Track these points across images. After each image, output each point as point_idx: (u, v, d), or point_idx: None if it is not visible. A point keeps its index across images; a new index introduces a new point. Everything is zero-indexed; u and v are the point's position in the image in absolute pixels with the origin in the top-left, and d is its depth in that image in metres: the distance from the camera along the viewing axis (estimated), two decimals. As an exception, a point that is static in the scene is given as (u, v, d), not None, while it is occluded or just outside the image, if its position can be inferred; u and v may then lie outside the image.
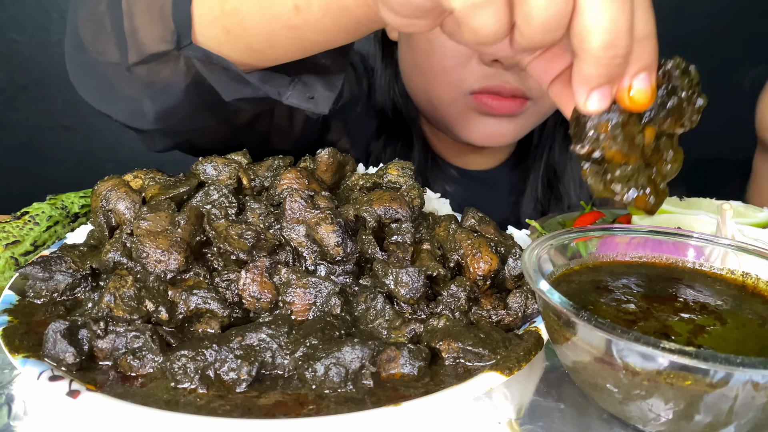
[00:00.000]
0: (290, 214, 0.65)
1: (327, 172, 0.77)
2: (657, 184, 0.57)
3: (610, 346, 0.50)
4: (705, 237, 0.67)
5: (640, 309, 0.58)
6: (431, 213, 0.77)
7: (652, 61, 0.52)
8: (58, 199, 0.88)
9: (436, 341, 0.58)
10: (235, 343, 0.55)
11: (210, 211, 0.68)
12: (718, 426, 0.49)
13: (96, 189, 0.71)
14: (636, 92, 0.51)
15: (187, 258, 0.62)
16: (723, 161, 1.99)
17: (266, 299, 0.61)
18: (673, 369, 0.47)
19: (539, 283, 0.55)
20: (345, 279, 0.64)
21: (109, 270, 0.64)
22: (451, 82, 1.08)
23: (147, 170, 0.75)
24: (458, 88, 1.08)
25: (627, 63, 0.50)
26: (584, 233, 0.67)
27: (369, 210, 0.68)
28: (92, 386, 0.52)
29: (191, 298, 0.60)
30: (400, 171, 0.77)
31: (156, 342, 0.56)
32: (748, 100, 1.96)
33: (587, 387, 0.56)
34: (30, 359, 0.54)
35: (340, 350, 0.54)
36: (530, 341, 0.59)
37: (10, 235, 0.78)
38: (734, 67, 1.92)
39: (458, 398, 0.52)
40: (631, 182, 0.55)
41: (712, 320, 0.57)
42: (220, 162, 0.73)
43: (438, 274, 0.64)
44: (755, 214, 0.87)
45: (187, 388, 0.53)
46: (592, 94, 0.51)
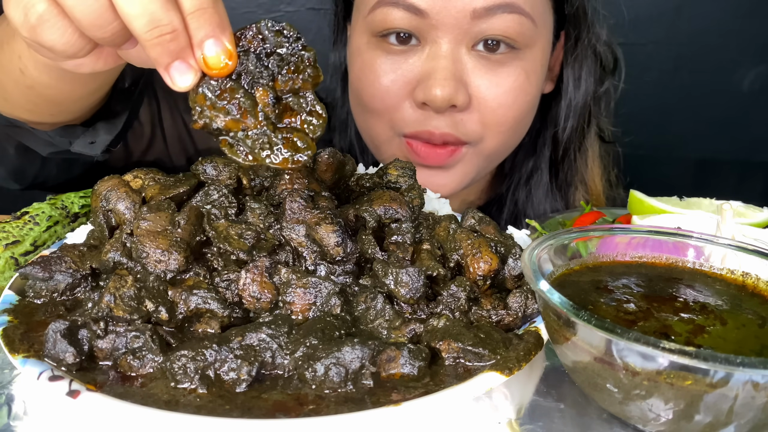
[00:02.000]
0: (290, 214, 0.65)
1: (327, 172, 0.77)
2: (295, 141, 0.59)
3: (610, 346, 0.50)
4: (705, 237, 0.67)
5: (640, 309, 0.58)
6: (431, 213, 0.77)
7: (213, 28, 0.55)
8: (58, 199, 0.88)
9: (436, 341, 0.58)
10: (235, 343, 0.55)
11: (210, 211, 0.67)
12: (718, 426, 0.49)
13: (96, 189, 0.71)
14: (208, 59, 0.55)
15: (187, 258, 0.62)
16: (723, 161, 1.99)
17: (266, 299, 0.61)
18: (673, 369, 0.47)
19: (539, 283, 0.55)
20: (345, 279, 0.64)
21: (109, 270, 0.64)
22: (385, 123, 1.05)
23: (147, 170, 0.75)
24: (392, 128, 1.05)
25: (182, 37, 0.54)
26: (584, 233, 0.67)
27: (369, 210, 0.68)
28: (92, 386, 0.52)
29: (191, 298, 0.60)
30: (400, 171, 0.77)
31: (156, 342, 0.56)
32: (747, 101, 1.96)
33: (587, 387, 0.56)
34: (30, 359, 0.54)
35: (340, 350, 0.54)
36: (530, 341, 0.59)
37: (10, 235, 0.78)
38: (734, 67, 1.92)
39: (458, 398, 0.52)
40: (263, 145, 0.58)
41: (712, 320, 0.57)
42: (220, 162, 0.73)
43: (438, 274, 0.64)
44: (755, 214, 0.87)
45: (187, 388, 0.53)
46: (171, 73, 0.56)
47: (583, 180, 1.24)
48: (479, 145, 1.05)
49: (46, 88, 0.78)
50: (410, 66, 1.00)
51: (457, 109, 0.99)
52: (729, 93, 1.94)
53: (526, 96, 1.03)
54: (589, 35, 1.13)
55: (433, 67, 0.97)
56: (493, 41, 0.98)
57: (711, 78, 1.93)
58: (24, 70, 0.76)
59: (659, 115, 1.76)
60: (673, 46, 1.89)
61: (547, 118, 1.19)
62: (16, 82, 0.78)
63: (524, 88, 1.02)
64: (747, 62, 1.92)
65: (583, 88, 1.15)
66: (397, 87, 1.01)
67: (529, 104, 1.06)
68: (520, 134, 1.12)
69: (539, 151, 1.21)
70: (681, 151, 1.96)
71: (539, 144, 1.21)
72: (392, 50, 1.01)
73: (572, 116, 1.16)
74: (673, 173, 1.94)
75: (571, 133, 1.19)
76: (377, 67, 1.02)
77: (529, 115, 1.09)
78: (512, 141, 1.11)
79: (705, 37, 1.89)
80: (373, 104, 1.05)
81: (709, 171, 1.98)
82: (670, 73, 1.92)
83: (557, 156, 1.21)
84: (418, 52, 1.00)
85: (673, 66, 1.92)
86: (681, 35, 1.89)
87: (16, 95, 0.81)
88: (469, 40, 0.98)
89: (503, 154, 1.14)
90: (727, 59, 1.91)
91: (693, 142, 1.96)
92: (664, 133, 1.85)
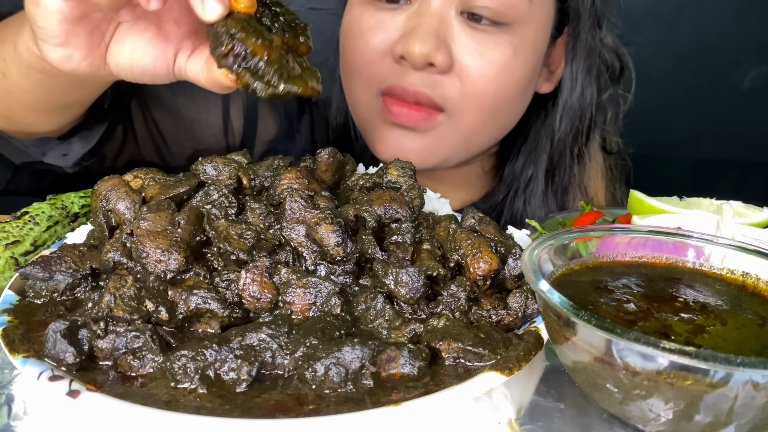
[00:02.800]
0: (290, 214, 0.65)
1: (327, 172, 0.77)
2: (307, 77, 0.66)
3: (610, 346, 0.50)
4: (705, 237, 0.67)
5: (640, 309, 0.58)
6: (431, 213, 0.77)
7: None
8: (58, 199, 0.88)
9: (436, 341, 0.58)
10: (235, 343, 0.55)
11: (210, 211, 0.68)
12: (718, 426, 0.49)
13: (96, 189, 0.71)
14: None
15: (187, 258, 0.62)
16: (723, 161, 1.99)
17: (266, 299, 0.61)
18: (673, 369, 0.47)
19: (539, 283, 0.55)
20: (345, 279, 0.64)
21: (109, 270, 0.64)
22: (364, 81, 1.03)
23: (147, 170, 0.75)
24: (370, 86, 1.03)
25: None
26: (584, 233, 0.67)
27: (369, 210, 0.68)
28: (92, 386, 0.52)
29: (191, 298, 0.60)
30: (400, 171, 0.77)
31: (156, 342, 0.56)
32: (747, 101, 1.96)
33: (587, 387, 0.56)
34: (30, 359, 0.54)
35: (340, 350, 0.54)
36: (530, 341, 0.59)
37: (10, 235, 0.78)
38: (734, 67, 1.92)
39: (458, 398, 0.52)
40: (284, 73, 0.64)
41: (712, 320, 0.57)
42: (220, 162, 0.73)
43: (438, 274, 0.64)
44: (755, 214, 0.87)
45: (187, 388, 0.53)
46: (206, 3, 0.62)
47: (583, 189, 1.21)
48: (456, 118, 1.02)
49: (25, 93, 0.81)
50: (396, 23, 0.99)
51: (437, 70, 0.97)
52: (729, 93, 1.94)
53: (510, 73, 1.00)
54: (588, 35, 1.10)
55: (418, 23, 0.96)
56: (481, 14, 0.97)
57: (711, 78, 1.93)
58: (6, 72, 0.79)
59: (659, 115, 1.76)
60: (673, 46, 1.89)
61: (545, 123, 1.16)
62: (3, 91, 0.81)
63: (509, 64, 0.99)
64: (747, 62, 1.92)
65: (579, 89, 1.12)
66: (379, 41, 1.00)
67: (513, 84, 1.02)
68: (503, 120, 1.09)
69: (537, 158, 1.18)
70: (681, 151, 1.96)
71: (537, 151, 1.18)
72: (381, 7, 1.00)
73: (566, 118, 1.14)
74: (673, 173, 1.94)
75: (566, 137, 1.15)
76: (363, 22, 1.01)
77: (514, 99, 1.05)
78: (493, 124, 1.07)
79: (705, 37, 1.89)
80: (354, 59, 1.03)
81: (709, 171, 1.98)
82: (670, 73, 1.92)
83: (553, 161, 1.18)
84: (407, 9, 0.99)
85: (673, 66, 1.92)
86: (681, 35, 1.89)
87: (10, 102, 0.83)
88: (459, 5, 0.97)
89: (483, 137, 1.09)
90: (727, 59, 1.91)
91: (693, 142, 1.96)
92: (664, 133, 1.85)
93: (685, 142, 1.95)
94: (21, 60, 0.76)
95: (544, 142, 1.17)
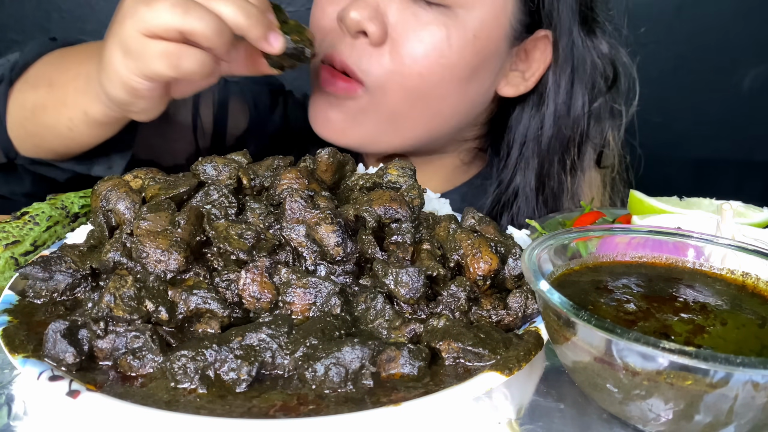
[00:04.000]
0: (290, 214, 0.65)
1: (327, 172, 0.77)
2: None
3: (610, 346, 0.50)
4: (705, 237, 0.67)
5: (640, 309, 0.58)
6: (431, 213, 0.77)
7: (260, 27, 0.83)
8: (58, 199, 0.88)
9: (436, 341, 0.58)
10: (235, 343, 0.55)
11: (210, 211, 0.68)
12: (718, 426, 0.49)
13: (96, 189, 0.71)
14: None
15: (187, 258, 0.62)
16: (723, 161, 1.99)
17: (266, 299, 0.61)
18: (673, 369, 0.47)
19: (539, 283, 0.55)
20: (345, 279, 0.64)
21: (109, 270, 0.64)
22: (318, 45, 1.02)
23: (147, 170, 0.75)
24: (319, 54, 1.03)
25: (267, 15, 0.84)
26: (584, 233, 0.67)
27: (369, 210, 0.68)
28: (92, 386, 0.52)
29: (191, 298, 0.60)
30: (400, 171, 0.77)
31: (156, 342, 0.56)
32: (747, 101, 1.96)
33: (587, 387, 0.56)
34: (30, 359, 0.54)
35: (340, 350, 0.54)
36: (530, 341, 0.59)
37: (10, 235, 0.78)
38: (734, 67, 1.92)
39: (458, 398, 0.52)
40: None
41: (712, 320, 0.57)
42: (220, 162, 0.73)
43: (438, 274, 0.64)
44: (755, 214, 0.87)
45: (187, 388, 0.53)
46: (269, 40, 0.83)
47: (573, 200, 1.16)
48: (379, 96, 1.01)
49: (88, 137, 0.93)
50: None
51: (369, 42, 0.98)
52: (729, 93, 1.94)
53: (439, 57, 0.99)
54: (571, 40, 1.07)
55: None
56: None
57: (711, 78, 1.93)
58: (73, 128, 0.90)
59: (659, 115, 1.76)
60: (673, 46, 1.89)
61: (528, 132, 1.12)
62: (58, 136, 0.92)
63: (440, 47, 0.98)
64: (747, 62, 1.92)
65: (563, 96, 1.09)
66: (331, 8, 1.02)
67: (442, 69, 1.00)
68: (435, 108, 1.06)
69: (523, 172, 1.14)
70: (681, 151, 1.96)
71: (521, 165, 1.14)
72: None
73: (552, 126, 1.10)
74: (673, 173, 1.94)
75: (550, 144, 1.11)
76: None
77: (445, 86, 1.02)
78: (423, 110, 1.05)
79: (705, 37, 1.89)
80: (313, 26, 1.05)
81: (709, 171, 1.98)
82: (670, 73, 1.92)
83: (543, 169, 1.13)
84: None
85: (673, 66, 1.92)
86: (681, 35, 1.89)
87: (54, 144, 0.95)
88: None
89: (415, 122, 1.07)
90: (727, 59, 1.91)
91: (693, 142, 1.96)
92: (664, 133, 1.85)
93: (685, 142, 1.95)
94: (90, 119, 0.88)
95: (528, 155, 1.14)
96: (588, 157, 1.17)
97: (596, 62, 1.11)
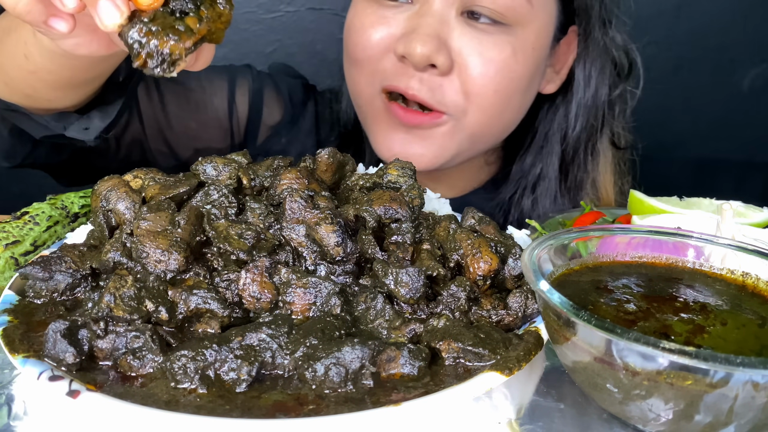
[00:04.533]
0: (290, 214, 0.65)
1: (327, 172, 0.77)
2: None
3: (610, 346, 0.50)
4: (705, 237, 0.67)
5: (640, 309, 0.58)
6: (431, 213, 0.77)
7: None
8: (58, 199, 0.88)
9: (436, 341, 0.58)
10: (235, 343, 0.55)
11: (210, 211, 0.68)
12: (718, 426, 0.49)
13: (96, 189, 0.71)
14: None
15: (187, 258, 0.62)
16: (723, 161, 1.99)
17: (266, 299, 0.61)
18: (673, 369, 0.47)
19: (539, 283, 0.55)
20: (345, 279, 0.64)
21: (109, 270, 0.64)
22: (366, 75, 1.05)
23: (147, 170, 0.75)
24: (373, 82, 1.05)
25: None
26: (584, 233, 0.67)
27: (369, 210, 0.68)
28: (92, 386, 0.52)
29: (191, 298, 0.60)
30: (400, 171, 0.77)
31: (156, 342, 0.56)
32: (747, 101, 1.96)
33: (587, 387, 0.56)
34: (30, 359, 0.54)
35: (340, 350, 0.54)
36: (530, 341, 0.59)
37: (10, 235, 0.78)
38: (734, 67, 1.92)
39: (458, 398, 0.52)
40: None
41: (712, 320, 0.57)
42: (220, 162, 0.73)
43: (438, 274, 0.64)
44: (755, 214, 0.87)
45: (187, 388, 0.53)
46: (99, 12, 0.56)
47: (594, 185, 1.21)
48: (462, 120, 1.03)
49: (48, 73, 0.83)
50: (398, 21, 1.01)
51: (437, 72, 0.99)
52: (729, 93, 1.94)
53: (510, 72, 1.02)
54: (600, 33, 1.12)
55: (419, 23, 0.98)
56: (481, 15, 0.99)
57: (711, 78, 1.93)
58: (29, 56, 0.80)
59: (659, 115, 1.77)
60: (673, 46, 1.89)
61: (554, 122, 1.17)
62: (19, 68, 0.83)
63: (509, 63, 1.01)
64: (747, 62, 1.92)
65: (593, 86, 1.14)
66: (381, 37, 1.02)
67: (513, 83, 1.04)
68: (507, 120, 1.10)
69: (546, 157, 1.19)
70: (681, 151, 1.96)
71: (546, 151, 1.19)
72: (384, 4, 1.03)
73: (582, 116, 1.15)
74: (673, 173, 1.94)
75: (580, 134, 1.16)
76: (365, 18, 1.04)
77: (515, 98, 1.07)
78: (497, 123, 1.09)
79: (705, 37, 1.89)
80: (356, 53, 1.05)
81: (709, 171, 1.98)
82: (670, 73, 1.92)
83: (567, 159, 1.18)
84: (409, 9, 1.01)
85: (673, 66, 1.92)
86: (681, 35, 1.89)
87: (18, 80, 0.85)
88: (460, 6, 0.99)
89: (488, 137, 1.11)
90: (727, 59, 1.91)
91: (693, 142, 1.96)
92: (664, 133, 1.85)
93: (685, 142, 1.95)
94: (42, 45, 0.77)
95: (553, 141, 1.18)
96: (605, 139, 1.21)
97: (614, 52, 1.15)
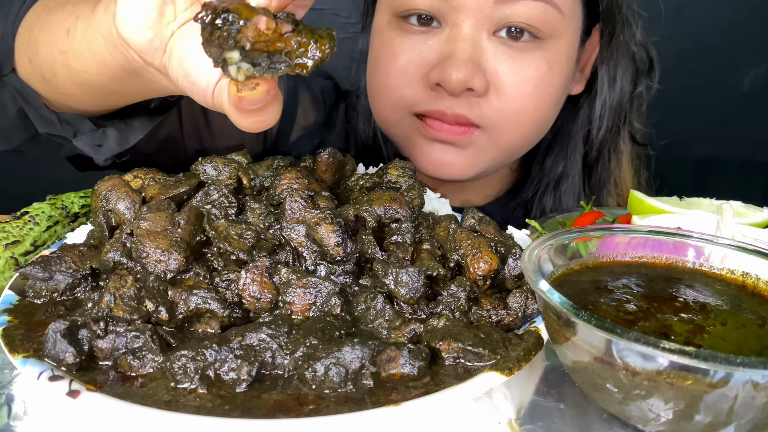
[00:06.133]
0: (290, 214, 0.65)
1: (327, 172, 0.77)
2: None
3: (610, 346, 0.50)
4: (705, 237, 0.67)
5: (640, 309, 0.58)
6: (431, 213, 0.77)
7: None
8: (58, 199, 0.88)
9: (436, 341, 0.58)
10: (235, 343, 0.55)
11: (210, 211, 0.68)
12: (718, 426, 0.49)
13: (96, 189, 0.71)
14: None
15: (187, 258, 0.62)
16: (723, 161, 1.99)
17: (266, 299, 0.61)
18: (673, 369, 0.47)
19: (539, 283, 0.55)
20: (345, 279, 0.64)
21: (109, 270, 0.64)
22: (394, 102, 1.03)
23: (147, 170, 0.75)
24: (400, 108, 1.03)
25: None
26: (584, 233, 0.67)
27: (369, 210, 0.68)
28: (92, 386, 0.52)
29: (191, 298, 0.60)
30: (400, 171, 0.77)
31: (156, 342, 0.56)
32: (747, 101, 1.96)
33: (587, 387, 0.56)
34: (30, 359, 0.54)
35: (340, 350, 0.54)
36: (530, 341, 0.59)
37: (10, 235, 0.78)
38: (734, 67, 1.92)
39: (458, 398, 0.52)
40: None
41: (711, 320, 0.57)
42: (220, 162, 0.73)
43: (438, 274, 0.64)
44: (755, 214, 0.87)
45: (187, 388, 0.53)
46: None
47: (615, 182, 1.21)
48: (495, 135, 1.02)
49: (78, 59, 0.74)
50: (429, 47, 0.99)
51: (474, 94, 0.98)
52: (729, 93, 1.94)
53: (547, 87, 1.01)
54: (624, 33, 1.11)
55: (452, 49, 0.96)
56: (516, 29, 0.97)
57: (711, 78, 1.93)
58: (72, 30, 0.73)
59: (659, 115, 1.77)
60: (673, 46, 1.89)
61: (577, 121, 1.16)
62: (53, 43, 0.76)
63: (546, 78, 1.00)
64: (747, 62, 1.92)
65: (618, 87, 1.13)
66: (413, 67, 1.00)
67: (551, 97, 1.03)
68: (542, 131, 1.10)
69: (570, 156, 1.18)
70: (681, 151, 1.96)
71: (569, 150, 1.18)
72: (412, 30, 1.00)
73: (607, 116, 1.14)
74: (673, 173, 1.94)
75: (606, 134, 1.16)
76: (395, 46, 1.01)
77: (552, 110, 1.06)
78: (532, 136, 1.08)
79: (705, 37, 1.89)
80: (386, 82, 1.03)
81: (709, 171, 1.98)
82: (670, 73, 1.91)
83: (591, 158, 1.18)
84: (438, 34, 0.99)
85: (673, 66, 1.91)
86: (681, 35, 1.88)
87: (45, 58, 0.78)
88: (491, 26, 0.97)
89: (522, 149, 1.11)
90: (727, 59, 1.91)
91: (693, 142, 1.95)
92: (664, 133, 1.86)
93: (685, 142, 1.95)
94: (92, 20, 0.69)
95: (577, 140, 1.18)
96: (626, 133, 1.21)
97: (634, 50, 1.15)
